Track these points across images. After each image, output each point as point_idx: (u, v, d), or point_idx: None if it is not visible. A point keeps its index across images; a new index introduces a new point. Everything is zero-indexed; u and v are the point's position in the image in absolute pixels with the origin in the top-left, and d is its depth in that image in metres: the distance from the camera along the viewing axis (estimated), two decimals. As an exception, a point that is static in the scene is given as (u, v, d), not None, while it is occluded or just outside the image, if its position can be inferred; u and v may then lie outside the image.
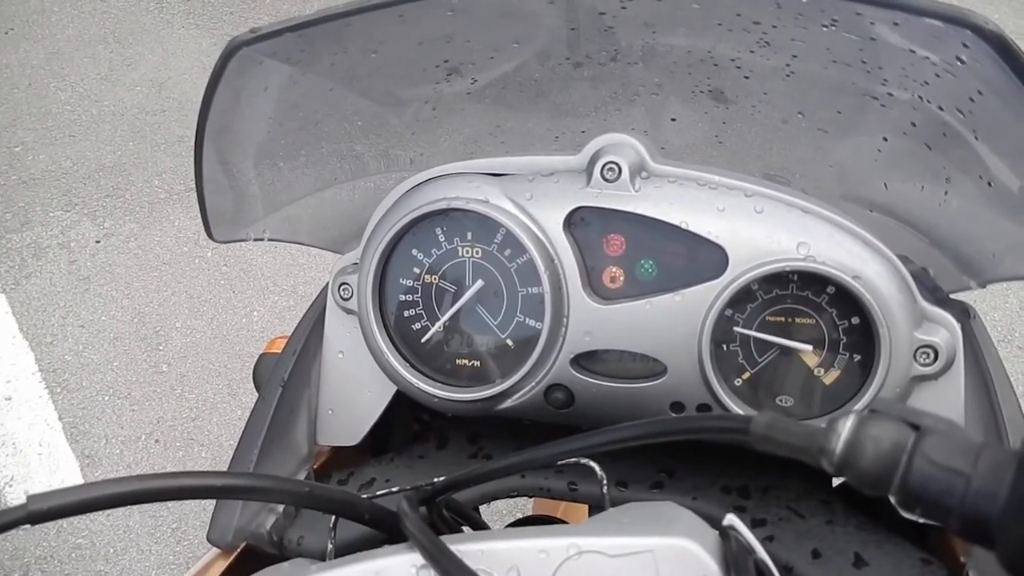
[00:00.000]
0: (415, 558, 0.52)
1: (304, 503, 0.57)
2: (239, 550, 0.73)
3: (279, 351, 0.87)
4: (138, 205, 3.24)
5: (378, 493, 0.68)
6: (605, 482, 0.62)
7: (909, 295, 0.67)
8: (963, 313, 0.73)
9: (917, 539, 0.71)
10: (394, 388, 0.83)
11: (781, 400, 0.72)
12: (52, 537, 2.27)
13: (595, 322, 0.73)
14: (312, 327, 0.85)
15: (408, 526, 0.52)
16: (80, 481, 2.35)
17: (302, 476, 0.83)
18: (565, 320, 0.74)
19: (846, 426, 0.36)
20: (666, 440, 0.48)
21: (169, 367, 2.71)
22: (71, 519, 2.33)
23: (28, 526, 0.45)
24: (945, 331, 0.67)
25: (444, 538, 0.51)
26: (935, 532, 0.72)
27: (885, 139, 0.75)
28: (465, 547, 0.51)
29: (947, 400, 0.69)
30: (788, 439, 0.41)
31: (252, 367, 0.92)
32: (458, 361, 0.80)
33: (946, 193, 0.72)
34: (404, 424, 0.93)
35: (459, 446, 0.85)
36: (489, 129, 0.89)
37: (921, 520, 0.72)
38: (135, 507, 2.39)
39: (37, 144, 3.50)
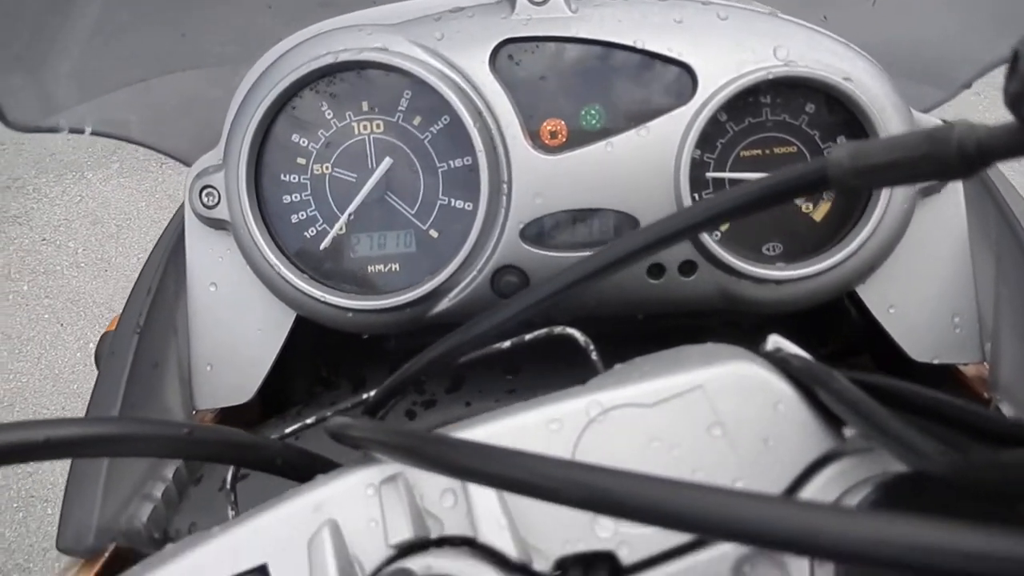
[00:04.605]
0: (368, 476, 0.36)
1: (184, 452, 0.39)
2: (107, 556, 0.53)
3: None
4: (-72, 243, 2.76)
5: (288, 430, 0.50)
6: (592, 348, 0.47)
7: (900, 97, 0.58)
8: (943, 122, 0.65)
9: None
10: (290, 320, 0.64)
11: (768, 248, 0.61)
12: None
13: (545, 179, 0.58)
14: (168, 257, 0.64)
15: (365, 432, 0.36)
16: None
17: (181, 454, 0.62)
18: (506, 186, 0.59)
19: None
20: (725, 221, 0.35)
21: (-9, 418, 2.30)
22: None
23: None
24: (942, 134, 0.59)
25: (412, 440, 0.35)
26: (951, 379, 0.64)
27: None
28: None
29: (950, 213, 0.60)
30: (897, 153, 0.28)
31: None
32: (371, 268, 0.63)
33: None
34: (306, 371, 0.75)
35: (380, 383, 0.68)
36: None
37: (936, 361, 0.64)
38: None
39: None
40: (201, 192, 0.61)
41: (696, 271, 0.59)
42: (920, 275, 0.61)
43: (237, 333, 0.64)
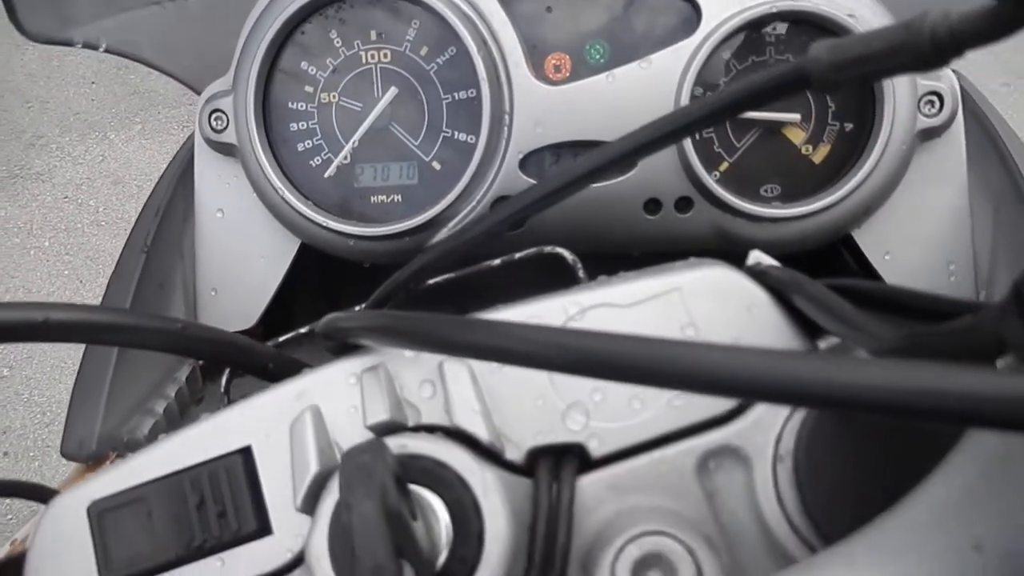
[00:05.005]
0: (351, 366, 0.37)
1: (173, 345, 0.40)
2: (108, 464, 0.55)
3: None
4: (-47, 196, 2.81)
5: (282, 338, 0.52)
6: (580, 265, 0.49)
7: (905, 38, 0.58)
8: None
9: None
10: (294, 248, 0.65)
11: (766, 190, 0.62)
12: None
13: (546, 109, 0.59)
14: (178, 181, 0.66)
15: (353, 321, 0.37)
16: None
17: (183, 374, 0.64)
18: (507, 117, 0.59)
19: None
20: (700, 129, 0.35)
21: (11, 371, 2.35)
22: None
23: None
24: (946, 77, 0.59)
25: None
26: None
27: None
28: None
29: (950, 159, 0.60)
30: (874, 44, 0.28)
31: None
32: (374, 199, 0.64)
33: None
34: (308, 307, 0.76)
35: None
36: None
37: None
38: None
39: None
40: (210, 116, 0.62)
41: (692, 207, 0.60)
42: (917, 221, 0.61)
43: (242, 259, 0.66)
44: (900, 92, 0.57)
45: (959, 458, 0.24)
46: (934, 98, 0.58)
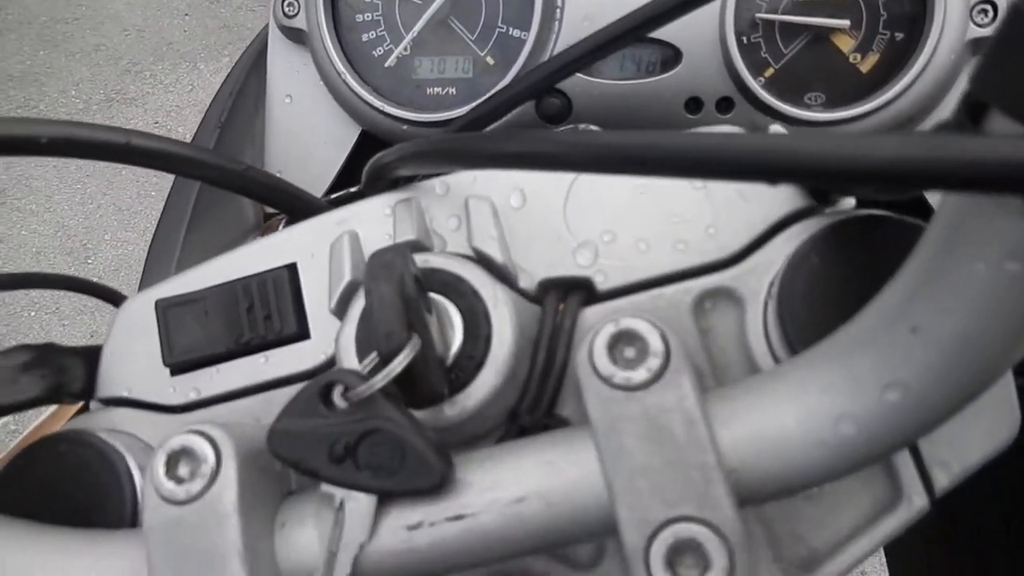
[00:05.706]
0: (387, 199, 0.41)
1: (235, 184, 0.44)
2: None
3: None
4: (54, 116, 2.99)
5: (334, 196, 0.56)
6: None
7: (963, -56, 0.57)
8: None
9: None
10: (355, 135, 0.70)
11: (810, 98, 0.62)
12: None
13: (595, 3, 0.61)
14: (252, 65, 0.71)
15: (392, 155, 0.40)
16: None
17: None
18: (559, 12, 0.62)
19: None
20: None
21: (100, 279, 2.51)
22: None
23: None
24: (1004, -13, 0.58)
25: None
26: None
27: None
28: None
29: None
30: None
31: None
32: (429, 90, 0.67)
33: None
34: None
35: None
36: None
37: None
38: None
39: (-65, 56, 3.20)
40: (284, 2, 0.67)
41: (733, 109, 0.61)
42: None
43: (306, 143, 0.71)
44: (952, -1, 0.57)
45: (905, 268, 0.27)
46: (988, 7, 0.57)
